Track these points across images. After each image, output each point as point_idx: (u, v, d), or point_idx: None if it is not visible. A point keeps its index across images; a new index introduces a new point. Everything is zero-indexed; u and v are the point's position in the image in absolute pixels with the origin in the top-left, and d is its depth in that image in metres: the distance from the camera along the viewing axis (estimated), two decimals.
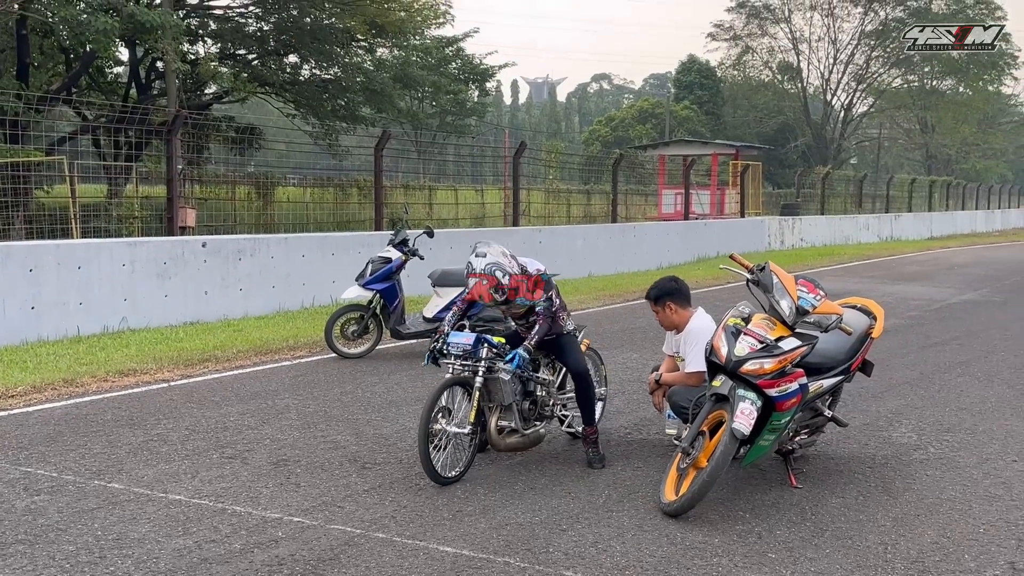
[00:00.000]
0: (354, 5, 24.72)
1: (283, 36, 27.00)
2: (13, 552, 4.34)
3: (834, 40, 54.48)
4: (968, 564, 4.30)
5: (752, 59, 56.46)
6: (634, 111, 57.90)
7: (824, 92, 55.78)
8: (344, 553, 4.36)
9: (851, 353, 5.55)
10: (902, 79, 57.75)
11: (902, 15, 53.99)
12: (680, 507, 4.84)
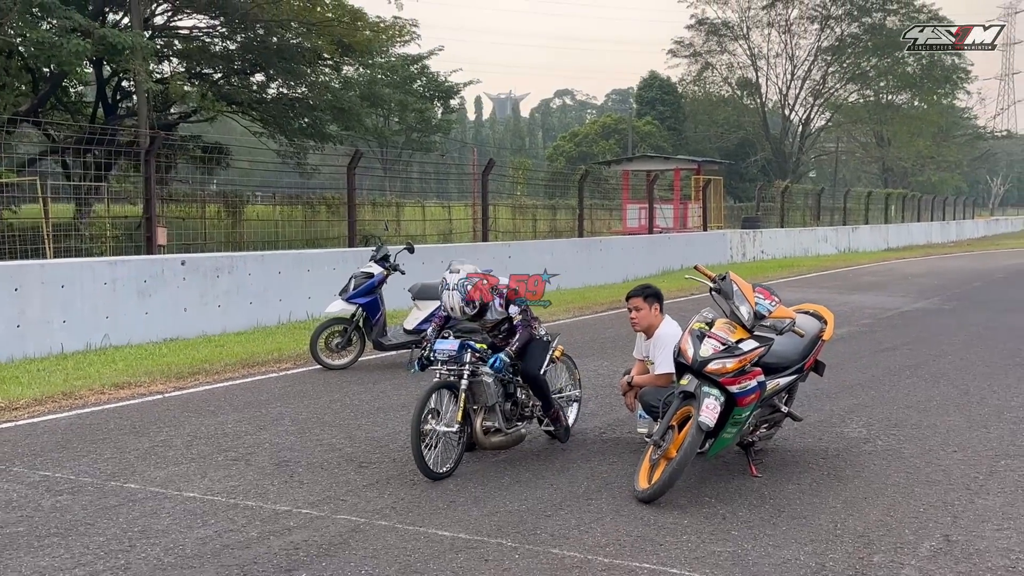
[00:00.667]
0: (321, 26, 25.21)
1: (249, 55, 27.40)
2: (49, 544, 4.79)
3: (791, 56, 55.77)
4: (908, 538, 4.88)
5: (712, 75, 57.62)
6: (597, 127, 58.80)
7: (783, 107, 57.00)
8: (352, 538, 4.86)
9: (804, 354, 6.14)
10: (858, 94, 59.12)
11: (857, 31, 55.33)
12: (653, 494, 5.39)
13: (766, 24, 54.80)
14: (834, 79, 57.11)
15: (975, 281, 21.27)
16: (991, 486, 5.74)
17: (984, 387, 8.81)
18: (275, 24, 25.65)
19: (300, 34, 26.14)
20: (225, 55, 27.81)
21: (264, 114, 28.58)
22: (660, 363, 6.44)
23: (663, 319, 6.59)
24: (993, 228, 62.49)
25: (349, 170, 17.01)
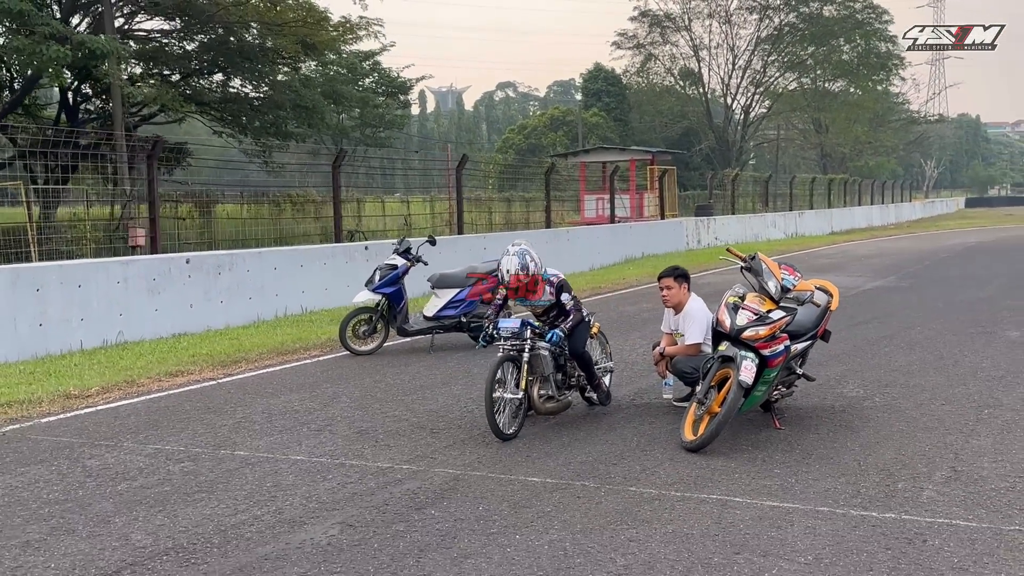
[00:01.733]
0: (287, 26, 25.80)
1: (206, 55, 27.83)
2: (199, 498, 5.61)
3: (732, 47, 57.39)
4: (922, 470, 5.90)
5: (655, 66, 58.97)
6: (545, 119, 59.88)
7: (725, 96, 58.59)
8: (458, 485, 5.75)
9: (816, 322, 7.17)
10: (797, 82, 60.96)
11: (795, 20, 57.10)
12: (700, 443, 6.35)
13: (707, 15, 56.34)
14: (774, 68, 58.85)
15: (924, 260, 22.70)
16: (981, 430, 6.81)
17: (955, 352, 9.95)
18: (238, 25, 26.16)
19: (263, 34, 26.67)
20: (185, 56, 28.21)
21: (227, 113, 29.06)
22: (690, 335, 7.42)
23: (690, 296, 7.57)
24: (930, 210, 64.91)
25: (334, 167, 17.75)
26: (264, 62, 27.69)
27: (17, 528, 5.15)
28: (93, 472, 6.18)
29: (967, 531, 4.82)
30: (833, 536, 4.78)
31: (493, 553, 4.65)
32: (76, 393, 8.64)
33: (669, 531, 4.90)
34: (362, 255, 16.69)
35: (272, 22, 25.49)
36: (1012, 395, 7.88)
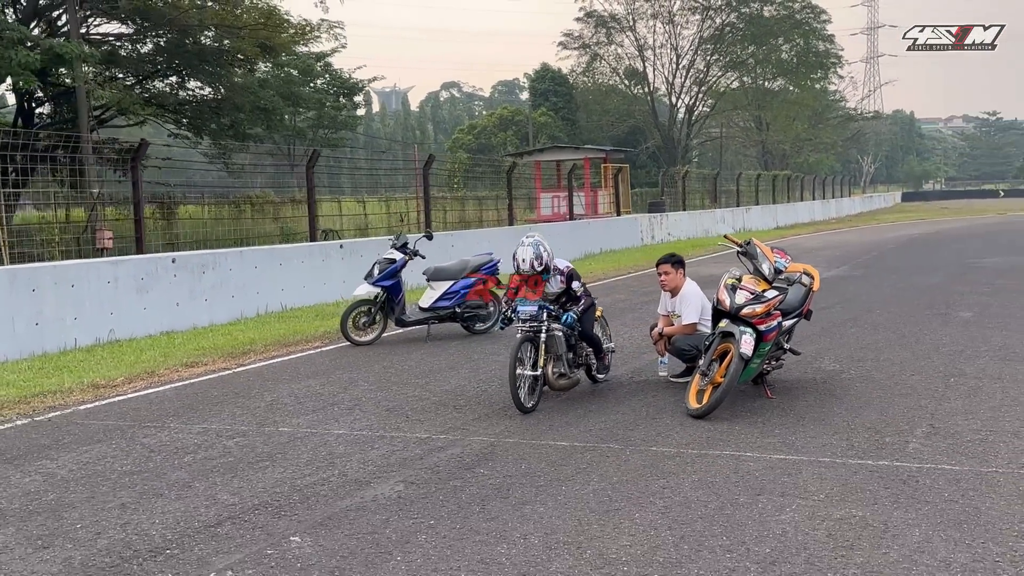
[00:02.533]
0: (248, 30, 26.17)
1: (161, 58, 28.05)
2: (263, 465, 6.21)
3: (675, 47, 58.60)
4: (904, 427, 6.70)
5: (601, 66, 60.01)
6: (495, 119, 60.62)
7: (669, 96, 59.82)
8: (495, 450, 6.42)
9: (802, 302, 7.97)
10: (738, 81, 62.43)
11: (735, 20, 58.52)
12: (705, 411, 7.10)
13: (651, 16, 57.49)
14: (716, 68, 60.23)
15: (872, 252, 23.84)
16: (950, 395, 7.66)
17: (916, 332, 10.86)
18: (196, 28, 26.45)
19: (221, 37, 26.98)
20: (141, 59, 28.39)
21: (184, 116, 29.31)
22: (686, 315, 8.18)
23: (686, 280, 8.33)
24: (868, 204, 66.86)
25: (308, 168, 18.26)
26: (222, 64, 28.00)
27: (108, 494, 5.71)
28: (154, 448, 6.75)
29: (951, 473, 5.62)
30: (837, 480, 5.55)
31: (546, 500, 5.33)
32: (103, 383, 9.14)
33: (695, 480, 5.63)
34: (337, 253, 17.25)
35: (232, 25, 25.84)
36: (973, 366, 8.76)
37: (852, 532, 4.70)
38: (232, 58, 27.57)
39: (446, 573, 4.35)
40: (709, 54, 59.32)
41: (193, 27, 25.69)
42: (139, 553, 4.70)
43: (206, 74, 28.43)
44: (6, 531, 5.10)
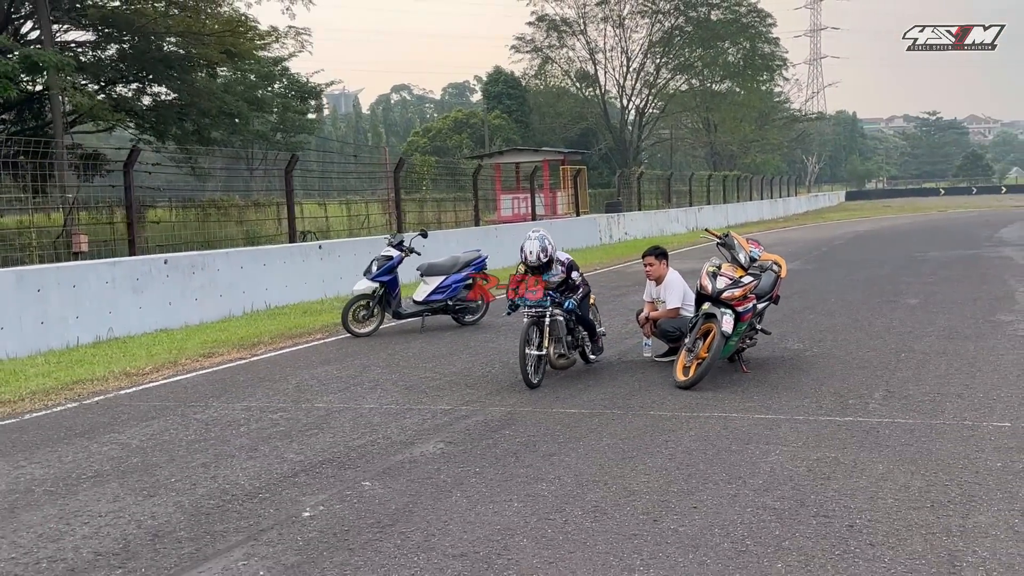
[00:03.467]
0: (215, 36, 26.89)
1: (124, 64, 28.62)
2: (311, 433, 7.13)
3: (625, 50, 60.03)
4: (863, 392, 7.80)
5: (553, 69, 61.22)
6: (449, 121, 61.56)
7: (620, 98, 61.22)
8: (514, 417, 7.42)
9: (772, 287, 9.07)
10: (687, 83, 64.03)
11: (683, 24, 60.07)
12: (692, 382, 8.16)
13: (601, 19, 58.83)
14: (665, 71, 61.74)
15: (822, 247, 25.23)
16: (901, 367, 8.81)
17: (869, 317, 12.05)
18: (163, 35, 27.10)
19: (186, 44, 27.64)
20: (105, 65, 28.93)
21: (149, 121, 29.88)
22: (670, 301, 9.25)
23: (669, 270, 9.40)
24: (814, 203, 68.83)
25: (287, 172, 19.07)
26: (186, 69, 28.64)
27: (185, 457, 6.61)
28: (208, 422, 7.65)
29: (907, 425, 6.73)
30: (811, 432, 6.63)
31: (569, 452, 6.35)
32: (133, 372, 9.99)
33: (692, 435, 6.68)
34: (316, 253, 18.12)
35: (199, 32, 26.54)
36: (921, 343, 9.94)
37: (827, 467, 5.77)
38: (197, 63, 28.23)
39: (500, 503, 5.34)
40: (658, 57, 60.78)
41: (160, 34, 26.35)
42: (237, 497, 5.63)
43: (170, 79, 29.04)
44: (111, 486, 5.98)
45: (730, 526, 4.84)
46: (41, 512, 5.49)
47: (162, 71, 28.42)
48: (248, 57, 28.69)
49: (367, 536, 4.89)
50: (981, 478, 5.45)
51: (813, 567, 4.29)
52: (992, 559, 4.30)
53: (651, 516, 5.03)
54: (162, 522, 5.24)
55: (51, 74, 21.78)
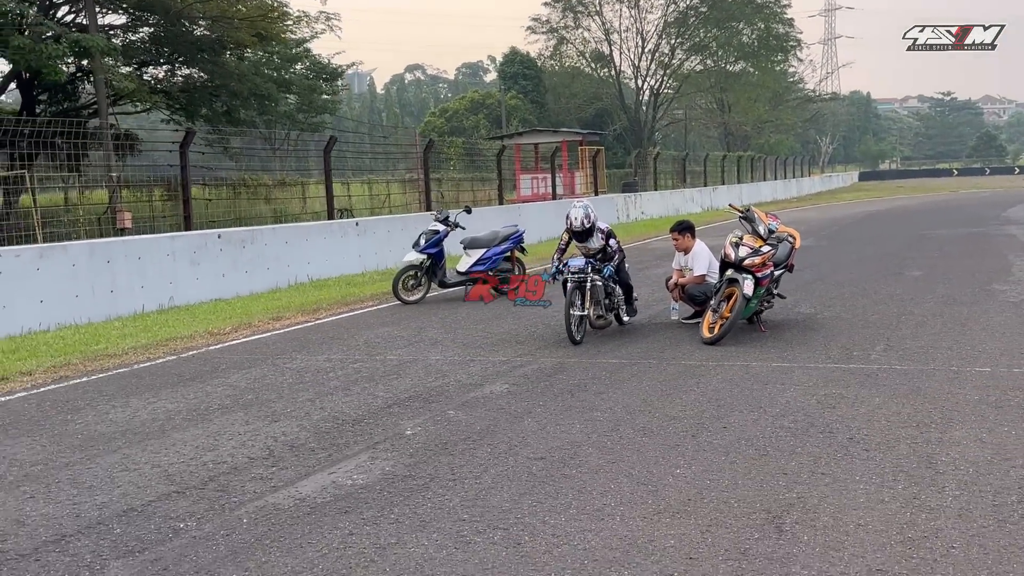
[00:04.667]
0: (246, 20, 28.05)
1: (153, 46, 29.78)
2: (393, 378, 8.41)
3: (640, 31, 61.00)
4: (866, 345, 9.04)
5: (568, 49, 62.26)
6: (466, 102, 62.71)
7: (635, 79, 62.24)
8: (563, 367, 8.69)
9: (787, 256, 10.30)
10: (701, 64, 64.98)
11: (698, 4, 60.96)
12: (717, 338, 9.41)
13: (617, 0, 59.79)
14: (680, 51, 62.70)
15: (833, 226, 26.42)
16: (901, 326, 10.05)
17: (874, 286, 13.29)
18: (198, 19, 28.28)
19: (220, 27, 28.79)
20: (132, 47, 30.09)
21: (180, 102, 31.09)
22: (697, 268, 10.50)
23: (695, 242, 10.65)
24: (827, 184, 69.86)
25: (326, 152, 20.29)
26: (217, 51, 29.81)
27: (289, 396, 7.90)
28: (299, 370, 8.94)
29: (903, 371, 7.98)
30: (820, 376, 7.88)
31: (616, 391, 7.62)
32: (215, 331, 11.29)
33: (719, 378, 7.94)
34: (354, 230, 19.40)
35: (234, 16, 27.71)
36: (920, 308, 11.18)
37: (833, 400, 7.03)
38: (230, 46, 29.39)
39: (565, 425, 6.60)
40: (673, 37, 61.70)
41: (195, 18, 27.53)
42: (346, 422, 6.91)
43: (201, 62, 30.22)
44: (238, 415, 7.28)
45: (754, 439, 6.10)
46: (189, 432, 6.79)
47: (194, 54, 29.58)
48: (279, 41, 29.84)
49: (462, 446, 6.17)
50: (959, 407, 6.70)
51: (820, 465, 5.55)
52: (961, 459, 5.56)
53: (689, 433, 6.30)
54: (292, 438, 6.52)
55: (97, 58, 22.99)
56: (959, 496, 4.94)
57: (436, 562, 4.33)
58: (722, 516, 4.76)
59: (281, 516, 4.98)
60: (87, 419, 7.29)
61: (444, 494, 5.25)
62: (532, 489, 5.28)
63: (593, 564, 4.24)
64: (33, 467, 6.05)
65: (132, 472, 5.86)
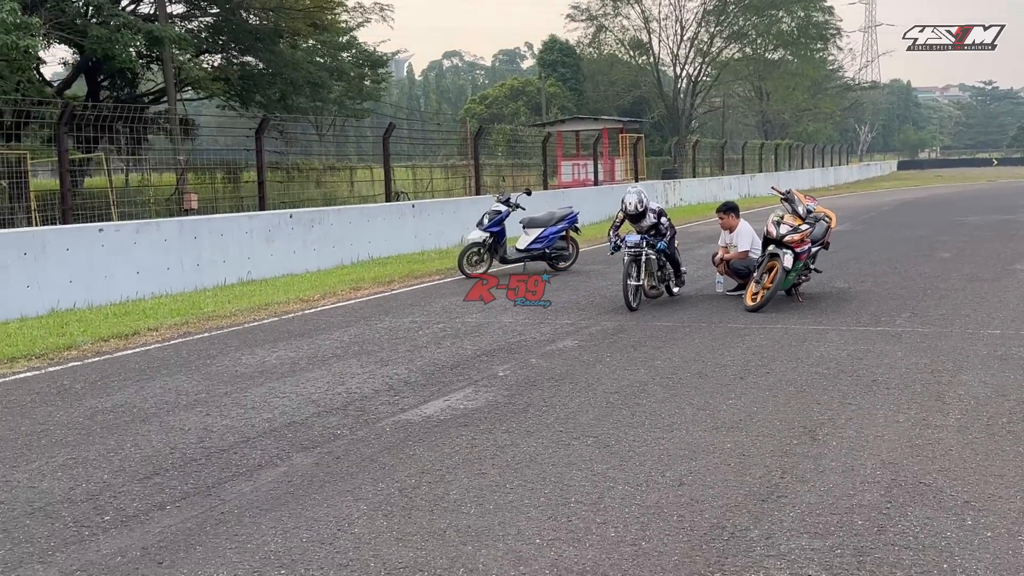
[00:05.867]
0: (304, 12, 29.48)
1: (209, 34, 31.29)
2: (475, 336, 9.74)
3: (679, 18, 61.96)
4: (893, 314, 10.25)
5: (607, 37, 63.33)
6: (505, 89, 64.04)
7: (674, 67, 63.22)
8: (623, 328, 9.98)
9: (824, 234, 11.53)
10: (740, 52, 65.82)
11: None
12: (759, 305, 10.68)
13: None
14: (719, 39, 63.59)
15: (870, 212, 27.53)
16: (926, 298, 11.25)
17: (905, 265, 14.48)
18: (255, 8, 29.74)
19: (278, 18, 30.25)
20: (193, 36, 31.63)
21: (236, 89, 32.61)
22: (741, 245, 11.78)
23: (740, 220, 11.92)
24: (865, 172, 70.52)
25: (385, 139, 21.62)
26: (273, 40, 31.29)
27: (390, 348, 9.26)
28: (390, 329, 10.30)
29: (923, 332, 9.22)
30: (852, 336, 9.14)
31: (673, 346, 8.92)
32: (305, 299, 12.70)
33: (760, 337, 9.22)
34: (410, 212, 20.76)
35: (290, 7, 29.16)
36: (945, 283, 12.39)
37: (861, 354, 8.30)
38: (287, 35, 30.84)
39: (630, 371, 7.91)
40: (712, 26, 62.58)
41: (255, 8, 29.01)
42: (445, 367, 8.26)
43: (257, 50, 31.71)
44: (351, 361, 8.64)
45: (792, 381, 7.39)
46: (315, 373, 8.17)
47: (251, 42, 31.07)
48: (334, 30, 31.27)
49: (548, 384, 7.50)
50: (969, 359, 7.96)
51: (847, 399, 6.82)
52: (966, 395, 6.82)
53: (738, 376, 7.60)
54: (404, 377, 7.89)
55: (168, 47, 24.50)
56: (960, 419, 6.21)
57: (544, 456, 5.66)
58: (768, 430, 6.06)
59: (415, 427, 6.34)
60: (224, 363, 8.70)
61: (541, 415, 6.58)
62: (611, 412, 6.60)
63: (668, 459, 5.56)
64: (198, 396, 7.45)
65: (282, 399, 7.24)
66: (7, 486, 5.39)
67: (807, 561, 4.08)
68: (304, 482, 5.30)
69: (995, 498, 4.76)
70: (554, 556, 4.22)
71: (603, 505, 4.82)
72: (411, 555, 4.26)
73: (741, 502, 4.80)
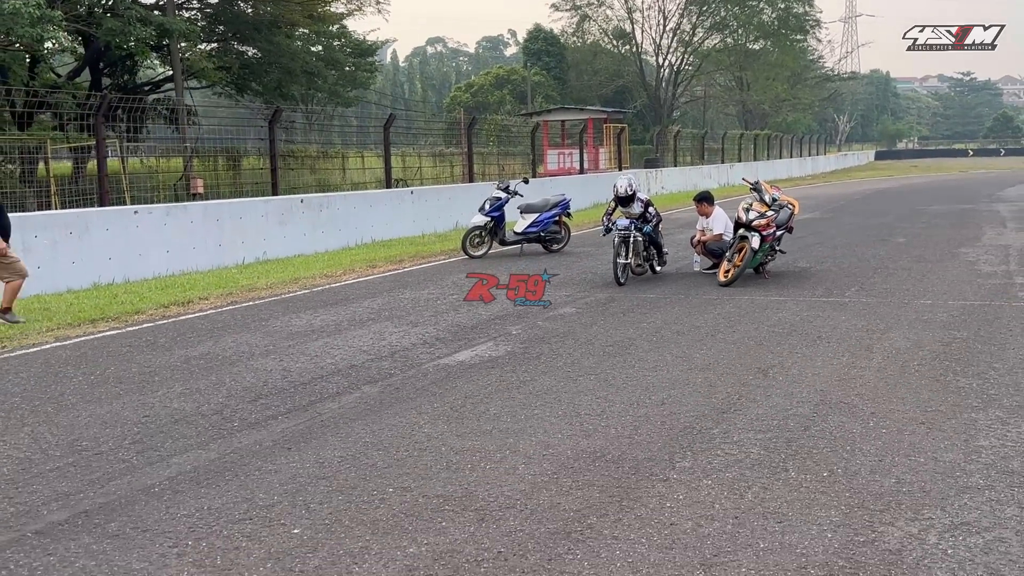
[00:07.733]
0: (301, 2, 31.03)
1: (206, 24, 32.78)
2: (492, 304, 11.49)
3: (662, 9, 63.77)
4: (845, 287, 12.06)
5: (590, 27, 65.07)
6: (490, 77, 65.68)
7: (656, 56, 65.05)
8: (613, 299, 11.74)
9: (787, 220, 13.33)
10: (721, 42, 67.70)
11: None
12: (731, 281, 12.45)
13: None
14: (701, 29, 65.44)
15: (840, 201, 29.44)
16: (874, 276, 13.08)
17: (862, 249, 16.32)
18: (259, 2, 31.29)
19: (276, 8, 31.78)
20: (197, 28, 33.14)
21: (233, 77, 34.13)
22: (716, 228, 13.56)
23: (714, 208, 13.72)
24: (842, 162, 72.63)
25: (385, 128, 23.27)
26: (270, 30, 32.82)
27: (414, 314, 10.97)
28: (412, 299, 12.02)
29: (866, 303, 11.02)
30: (806, 305, 10.93)
31: (656, 312, 10.68)
32: (328, 274, 14.40)
33: (730, 306, 11.00)
34: (409, 198, 22.45)
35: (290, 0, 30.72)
36: (895, 264, 14.23)
37: (811, 318, 10.09)
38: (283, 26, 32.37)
39: (624, 329, 9.67)
40: (694, 16, 64.42)
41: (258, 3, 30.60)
42: (465, 328, 9.99)
43: (254, 40, 33.24)
44: (386, 324, 10.36)
45: (753, 338, 9.18)
46: (357, 332, 9.90)
47: (248, 32, 32.60)
48: (330, 21, 32.88)
49: (554, 339, 9.26)
50: (900, 322, 9.78)
51: (795, 349, 8.61)
52: (890, 347, 8.62)
53: (709, 333, 9.39)
54: (434, 335, 9.63)
55: (176, 38, 26.03)
56: (881, 362, 8.02)
57: (559, 388, 7.41)
58: (731, 370, 7.85)
59: (452, 368, 8.10)
60: (277, 324, 10.42)
61: (552, 360, 8.35)
62: (608, 359, 8.37)
63: (654, 388, 7.32)
64: (267, 347, 9.17)
65: (337, 350, 8.97)
66: (145, 406, 7.09)
67: (751, 445, 5.86)
68: (376, 404, 7.04)
69: (894, 412, 6.55)
70: (572, 444, 5.98)
71: (605, 416, 6.58)
72: (469, 444, 6.01)
73: (707, 413, 6.58)
